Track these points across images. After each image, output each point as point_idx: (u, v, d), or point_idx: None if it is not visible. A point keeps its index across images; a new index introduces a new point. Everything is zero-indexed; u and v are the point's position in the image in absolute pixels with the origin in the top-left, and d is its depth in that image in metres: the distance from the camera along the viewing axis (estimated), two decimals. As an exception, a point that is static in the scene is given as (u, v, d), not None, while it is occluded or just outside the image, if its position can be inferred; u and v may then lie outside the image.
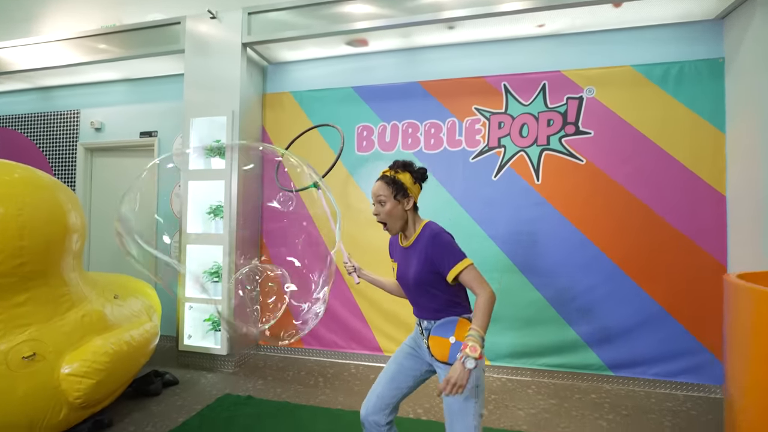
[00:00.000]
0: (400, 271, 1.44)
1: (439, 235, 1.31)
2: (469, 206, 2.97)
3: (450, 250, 1.28)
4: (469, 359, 1.10)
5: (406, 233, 1.42)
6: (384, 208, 1.36)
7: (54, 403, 1.80)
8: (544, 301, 2.81)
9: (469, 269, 1.25)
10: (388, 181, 1.37)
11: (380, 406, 1.40)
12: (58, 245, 1.90)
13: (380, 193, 1.37)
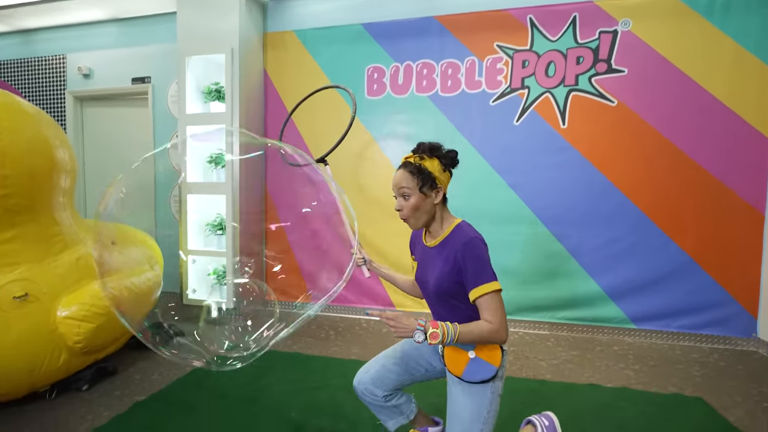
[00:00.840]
0: (420, 272, 1.27)
1: (474, 245, 1.10)
2: (488, 153, 2.77)
3: (482, 265, 1.09)
4: (420, 334, 1.04)
5: (431, 230, 1.22)
6: (408, 202, 1.15)
7: (52, 347, 1.68)
8: (566, 252, 2.67)
9: (494, 295, 1.07)
10: (412, 171, 1.13)
11: (382, 382, 1.28)
12: (44, 179, 1.73)
13: (403, 185, 1.14)
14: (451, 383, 1.20)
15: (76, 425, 1.60)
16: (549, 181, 2.67)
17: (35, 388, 1.74)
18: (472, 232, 1.15)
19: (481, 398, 1.15)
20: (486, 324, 1.07)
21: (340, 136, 1.52)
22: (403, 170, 1.15)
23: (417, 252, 1.30)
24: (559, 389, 1.90)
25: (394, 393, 1.31)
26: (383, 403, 1.29)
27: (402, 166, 1.17)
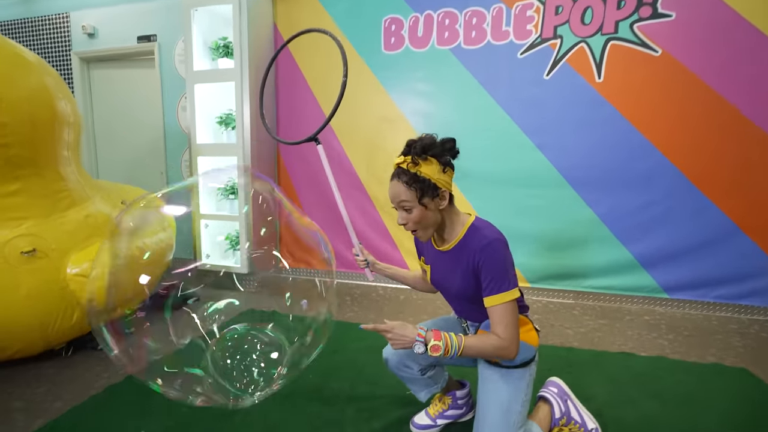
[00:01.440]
0: (435, 276, 1.15)
1: (493, 248, 0.98)
2: (514, 111, 2.57)
3: (500, 272, 0.97)
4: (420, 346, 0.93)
5: (443, 235, 1.09)
6: (411, 215, 1.01)
7: (64, 304, 1.64)
8: (596, 218, 2.50)
9: (509, 306, 0.96)
10: (408, 181, 0.98)
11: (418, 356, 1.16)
12: (45, 129, 1.63)
13: (402, 198, 1.00)
14: (484, 368, 1.10)
15: (92, 382, 1.58)
16: (580, 140, 2.47)
17: (51, 346, 1.72)
18: (490, 232, 1.01)
19: (519, 382, 1.06)
20: (495, 339, 0.96)
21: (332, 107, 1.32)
22: (397, 181, 1.00)
23: (427, 255, 1.18)
24: (588, 357, 1.79)
25: (430, 366, 1.21)
26: (419, 376, 1.20)
27: (395, 175, 1.01)
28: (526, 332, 1.10)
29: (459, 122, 2.65)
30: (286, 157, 3.06)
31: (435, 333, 0.94)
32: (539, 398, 1.24)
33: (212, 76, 2.72)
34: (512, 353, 0.97)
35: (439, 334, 0.93)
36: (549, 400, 1.21)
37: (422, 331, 0.94)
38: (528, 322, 1.13)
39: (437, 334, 0.93)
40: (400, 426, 1.30)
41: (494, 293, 0.97)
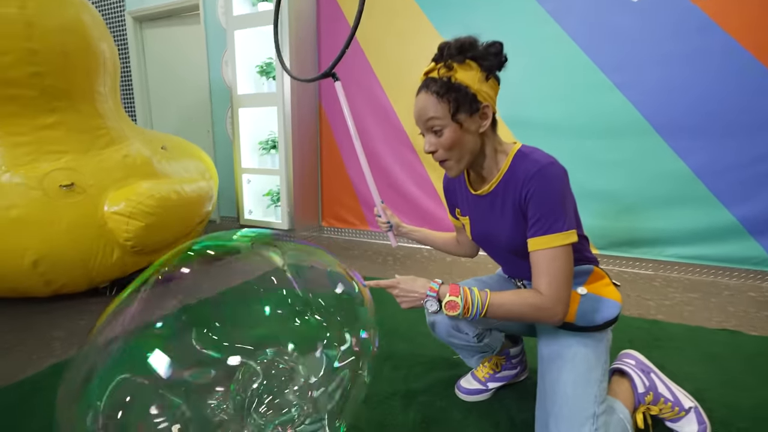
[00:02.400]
0: (477, 228, 0.92)
1: (547, 174, 0.73)
2: (590, 44, 2.14)
3: (554, 204, 0.73)
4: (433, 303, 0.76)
5: (482, 171, 0.84)
6: (442, 139, 0.76)
7: (104, 241, 1.63)
8: (690, 172, 2.06)
9: (560, 252, 0.72)
10: (439, 90, 0.74)
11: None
12: (78, 62, 1.59)
13: (430, 115, 0.75)
14: (549, 330, 0.86)
15: (128, 319, 1.57)
16: (675, 77, 2.01)
17: (95, 284, 1.74)
18: (543, 157, 0.77)
19: (598, 345, 0.82)
20: (534, 296, 0.73)
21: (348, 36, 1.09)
22: (425, 93, 0.76)
23: (462, 205, 0.93)
24: (679, 331, 1.47)
25: (487, 331, 0.97)
26: (474, 343, 0.96)
27: (422, 88, 0.77)
28: (604, 286, 0.85)
29: (520, 62, 2.28)
30: (328, 107, 2.89)
31: (451, 287, 0.75)
32: (612, 372, 0.98)
33: (252, 20, 2.59)
34: (557, 316, 0.73)
35: (456, 288, 0.75)
36: (627, 373, 0.95)
37: (435, 285, 0.76)
38: (604, 276, 0.88)
39: (454, 288, 0.75)
40: (444, 388, 1.11)
41: (540, 233, 0.73)
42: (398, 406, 1.03)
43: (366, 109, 2.75)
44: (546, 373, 0.82)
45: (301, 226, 2.82)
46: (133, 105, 3.79)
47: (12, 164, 1.47)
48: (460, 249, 1.10)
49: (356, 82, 2.74)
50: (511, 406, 1.04)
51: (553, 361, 0.82)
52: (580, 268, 0.86)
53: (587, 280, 0.85)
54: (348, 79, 2.77)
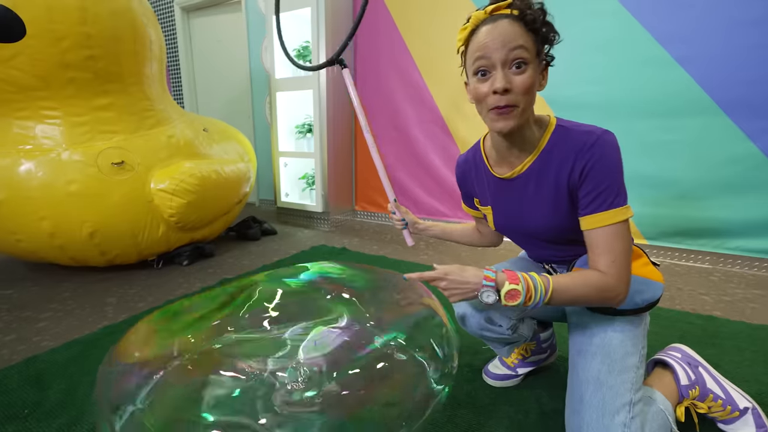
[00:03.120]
0: (503, 218, 0.84)
1: (606, 145, 0.67)
2: (646, 14, 1.95)
3: (616, 177, 0.67)
4: (490, 293, 0.66)
5: (521, 142, 0.74)
6: (522, 77, 0.65)
7: (150, 216, 1.74)
8: (761, 155, 1.84)
9: (623, 227, 0.67)
10: (534, 20, 0.64)
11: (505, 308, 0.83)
12: (128, 46, 1.67)
13: (520, 43, 0.64)
14: (587, 318, 0.79)
15: (172, 290, 1.67)
16: (744, 48, 1.78)
17: (144, 256, 1.87)
18: (593, 127, 0.67)
19: (635, 329, 0.75)
20: (598, 277, 0.66)
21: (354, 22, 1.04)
22: (509, 21, 0.64)
23: (483, 192, 0.85)
24: (739, 329, 1.33)
25: (520, 320, 0.88)
26: (508, 335, 0.86)
27: (502, 17, 0.65)
28: (643, 266, 0.78)
29: (567, 34, 2.11)
30: (363, 92, 2.87)
31: (510, 274, 0.67)
32: (654, 364, 0.90)
33: (290, 3, 2.60)
34: (620, 297, 0.67)
35: (515, 276, 0.66)
36: (670, 364, 0.86)
37: (490, 273, 0.67)
38: (642, 254, 0.80)
39: (513, 275, 0.66)
40: (471, 372, 1.08)
41: (603, 209, 0.67)
42: (423, 386, 1.02)
43: (401, 91, 2.70)
44: (578, 359, 0.77)
45: (335, 209, 2.85)
46: (181, 92, 3.99)
47: (71, 142, 1.59)
48: (484, 239, 1.03)
49: (393, 65, 2.69)
50: (542, 395, 0.99)
51: (587, 347, 0.76)
52: None
53: None
54: (385, 60, 2.73)
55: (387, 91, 2.76)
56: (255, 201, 3.76)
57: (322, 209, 2.78)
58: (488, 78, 0.66)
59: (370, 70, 2.81)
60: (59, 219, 1.55)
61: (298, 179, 3.00)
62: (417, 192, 2.78)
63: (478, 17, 0.67)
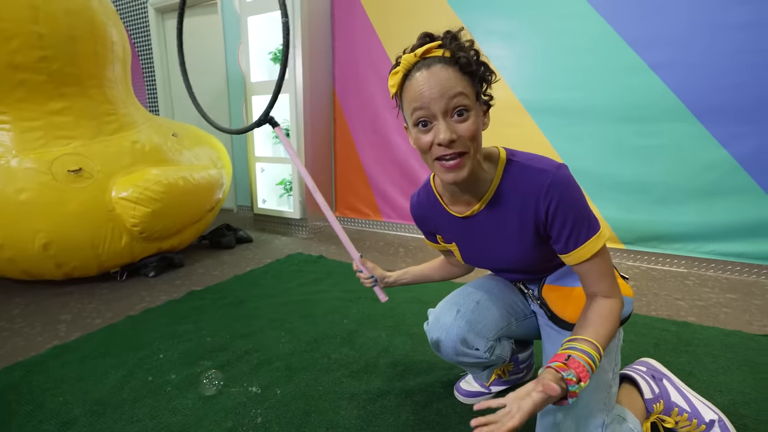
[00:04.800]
0: (470, 253, 0.80)
1: (564, 182, 0.64)
2: (619, 18, 1.96)
3: (583, 210, 0.65)
4: (576, 386, 0.55)
5: (470, 186, 0.69)
6: (466, 124, 0.60)
7: (112, 225, 1.65)
8: (733, 161, 1.86)
9: (605, 251, 0.66)
10: (468, 63, 0.59)
11: (484, 326, 0.79)
12: (86, 47, 1.59)
13: (459, 91, 0.59)
14: (555, 332, 0.77)
15: (134, 304, 1.58)
16: (717, 55, 1.81)
17: (105, 268, 1.77)
18: (544, 162, 0.66)
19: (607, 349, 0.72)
20: (608, 303, 0.64)
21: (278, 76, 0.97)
22: (443, 66, 0.59)
23: (444, 230, 0.82)
24: (713, 335, 1.32)
25: (497, 341, 0.83)
26: (485, 358, 0.80)
27: (436, 60, 0.60)
28: None
29: (543, 41, 2.12)
30: (342, 95, 2.82)
31: (581, 373, 0.55)
32: (621, 380, 0.87)
33: (265, 5, 2.54)
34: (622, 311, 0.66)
35: (584, 370, 0.56)
36: (633, 379, 0.84)
37: (573, 387, 0.54)
38: None
39: (584, 372, 0.56)
40: (442, 387, 1.03)
41: (582, 243, 0.65)
42: (391, 406, 0.97)
43: (381, 95, 2.66)
44: None
45: (313, 216, 2.78)
46: (156, 96, 3.87)
47: (22, 149, 1.49)
48: (455, 270, 0.97)
49: (372, 68, 2.65)
50: (515, 411, 0.95)
51: None
52: None
53: None
54: (364, 64, 2.69)
55: (367, 96, 2.72)
56: (233, 207, 3.66)
57: (300, 216, 2.71)
58: (430, 129, 0.62)
59: (350, 74, 2.76)
60: (9, 230, 1.45)
61: (275, 185, 2.92)
62: (396, 197, 2.74)
63: (409, 61, 0.61)
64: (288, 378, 1.08)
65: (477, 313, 0.79)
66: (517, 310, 0.85)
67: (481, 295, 0.83)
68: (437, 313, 0.81)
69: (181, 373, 1.09)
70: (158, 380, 1.06)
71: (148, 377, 1.08)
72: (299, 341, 1.28)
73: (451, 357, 0.80)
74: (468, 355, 0.79)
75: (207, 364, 1.14)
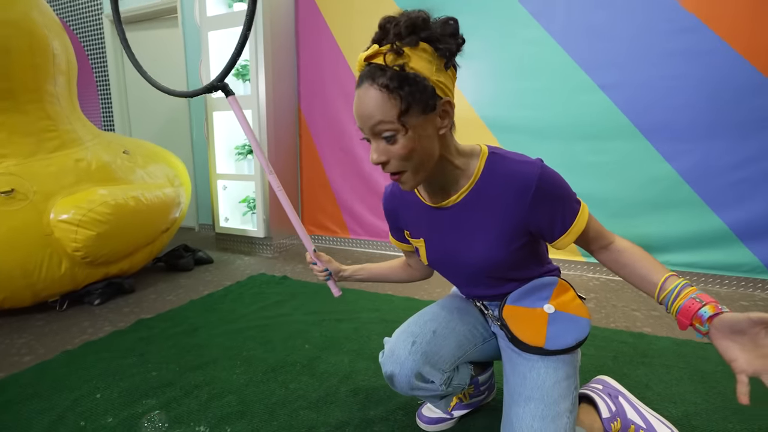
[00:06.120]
0: (436, 251, 0.77)
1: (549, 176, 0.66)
2: (572, 44, 2.07)
3: (567, 191, 0.68)
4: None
5: (443, 182, 0.70)
6: (395, 147, 0.60)
7: (49, 251, 1.51)
8: (677, 176, 1.98)
9: (592, 217, 0.72)
10: (389, 84, 0.57)
11: (440, 358, 0.76)
12: (24, 60, 1.48)
13: (378, 118, 0.58)
14: (514, 354, 0.76)
15: (73, 337, 1.44)
16: (659, 76, 1.94)
17: (42, 298, 1.62)
18: (526, 158, 0.68)
19: (568, 367, 0.73)
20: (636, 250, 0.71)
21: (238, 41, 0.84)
22: (369, 86, 0.58)
23: (413, 224, 0.80)
24: (667, 346, 1.36)
25: (454, 371, 0.81)
26: (441, 390, 0.78)
27: (365, 77, 0.59)
28: (571, 302, 0.75)
29: (503, 62, 2.20)
30: (307, 111, 2.80)
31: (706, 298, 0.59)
32: (580, 400, 0.88)
33: (226, 21, 2.50)
34: None
35: (702, 301, 0.59)
36: (591, 398, 0.85)
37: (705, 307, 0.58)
38: (569, 288, 0.77)
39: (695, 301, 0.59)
40: (405, 415, 0.99)
41: (569, 225, 0.69)
42: (350, 438, 0.92)
43: (346, 112, 2.66)
44: (512, 405, 0.72)
45: (278, 233, 2.70)
46: (111, 110, 3.68)
47: (-56, 169, 1.35)
48: (414, 273, 0.95)
49: (338, 85, 2.65)
50: (478, 437, 0.93)
51: (520, 389, 0.71)
52: (544, 281, 0.76)
53: (552, 295, 0.75)
54: (329, 80, 2.68)
55: (333, 112, 2.71)
56: (194, 226, 3.51)
57: (264, 234, 2.62)
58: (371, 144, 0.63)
59: (316, 91, 2.74)
60: (-76, 259, 1.29)
61: (238, 203, 2.82)
62: (363, 212, 2.72)
63: (359, 68, 0.62)
64: (240, 414, 1.00)
65: (433, 343, 0.76)
66: (476, 334, 0.83)
67: (437, 324, 0.80)
68: (392, 345, 0.77)
69: (119, 416, 0.99)
70: (92, 425, 0.96)
71: (81, 422, 0.97)
72: (255, 371, 1.20)
73: (406, 391, 0.76)
74: (423, 389, 0.76)
75: (150, 403, 1.04)
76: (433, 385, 0.76)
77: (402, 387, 0.75)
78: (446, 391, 0.79)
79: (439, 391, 0.78)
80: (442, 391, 0.78)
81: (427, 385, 0.76)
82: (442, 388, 0.77)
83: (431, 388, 0.76)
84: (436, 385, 0.76)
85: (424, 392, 0.77)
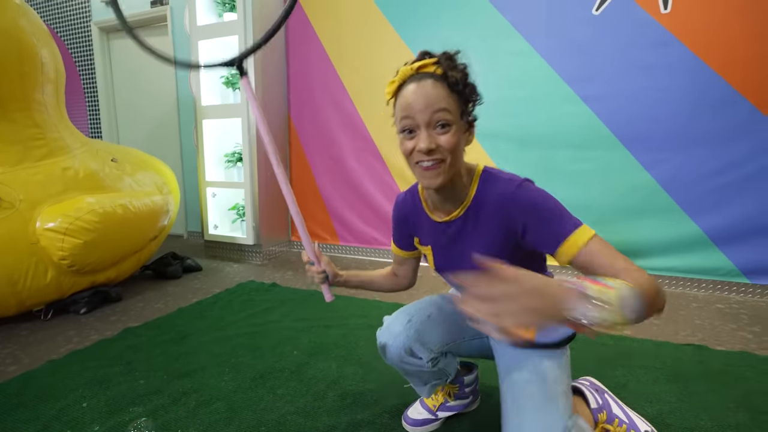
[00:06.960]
0: (444, 258, 0.82)
1: (527, 189, 0.69)
2: (555, 58, 2.15)
3: (556, 211, 0.67)
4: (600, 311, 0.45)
5: (452, 192, 0.74)
6: (446, 136, 0.66)
7: (35, 260, 1.50)
8: (656, 184, 2.05)
9: (601, 240, 0.62)
10: (457, 82, 0.66)
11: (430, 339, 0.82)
12: (11, 68, 1.48)
13: (443, 106, 0.65)
14: (507, 347, 0.80)
15: (58, 346, 1.43)
16: (638, 90, 2.02)
17: (27, 307, 1.60)
18: (512, 176, 0.73)
19: (560, 359, 0.77)
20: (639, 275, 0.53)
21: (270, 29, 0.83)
22: (433, 82, 0.66)
23: (423, 232, 0.85)
24: (645, 347, 1.41)
25: (442, 354, 0.87)
26: (428, 368, 0.85)
27: (427, 76, 0.66)
28: None
29: (487, 74, 2.27)
30: (297, 118, 2.82)
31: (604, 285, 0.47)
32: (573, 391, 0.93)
33: (216, 30, 2.52)
34: None
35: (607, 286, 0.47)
36: (580, 390, 0.91)
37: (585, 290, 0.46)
38: None
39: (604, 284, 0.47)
40: (391, 418, 1.02)
41: (571, 232, 0.62)
42: (337, 442, 0.94)
43: (336, 121, 2.69)
44: (509, 390, 0.76)
45: (268, 241, 2.71)
46: (98, 117, 3.66)
47: (-72, 177, 1.34)
48: (400, 282, 0.99)
49: (328, 94, 2.69)
50: (462, 438, 0.95)
51: (517, 376, 0.75)
52: None
53: None
54: (319, 90, 2.72)
55: (323, 121, 2.74)
56: (183, 233, 3.48)
57: (254, 241, 2.63)
58: (414, 136, 0.68)
59: (306, 100, 2.78)
60: None
61: (227, 210, 2.82)
62: (353, 220, 2.74)
63: (405, 73, 0.68)
64: (228, 420, 1.01)
65: (427, 324, 0.83)
66: (468, 328, 0.88)
67: (433, 310, 0.87)
68: (390, 320, 0.86)
69: (105, 424, 0.99)
70: (78, 434, 0.96)
71: (67, 431, 0.97)
72: (244, 378, 1.21)
73: (395, 362, 0.85)
74: (411, 364, 0.84)
75: (137, 410, 1.04)
76: (420, 361, 0.83)
77: (392, 358, 0.84)
78: (431, 370, 0.85)
79: (425, 368, 0.84)
80: (428, 368, 0.84)
81: (415, 359, 0.83)
82: (428, 366, 0.84)
83: (418, 363, 0.84)
84: (423, 362, 0.83)
85: (411, 366, 0.85)
